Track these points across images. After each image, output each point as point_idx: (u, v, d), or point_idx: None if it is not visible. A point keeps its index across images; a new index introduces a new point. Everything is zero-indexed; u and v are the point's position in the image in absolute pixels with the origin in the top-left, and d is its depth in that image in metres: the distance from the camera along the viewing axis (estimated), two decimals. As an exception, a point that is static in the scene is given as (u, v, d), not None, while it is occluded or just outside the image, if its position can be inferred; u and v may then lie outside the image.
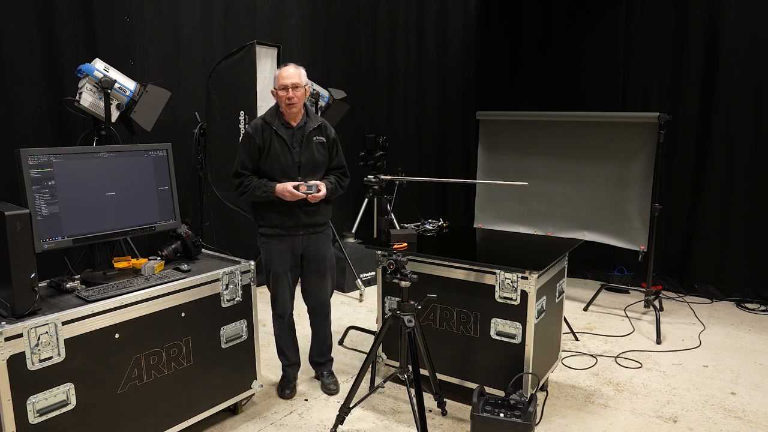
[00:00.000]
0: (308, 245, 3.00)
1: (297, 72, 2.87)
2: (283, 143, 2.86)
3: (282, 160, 2.86)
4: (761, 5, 4.30)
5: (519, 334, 2.76)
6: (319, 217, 3.00)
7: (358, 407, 3.00)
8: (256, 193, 2.84)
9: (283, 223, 2.91)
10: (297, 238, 2.95)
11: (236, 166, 2.89)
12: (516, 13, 5.42)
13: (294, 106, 2.85)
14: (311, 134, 2.93)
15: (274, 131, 2.86)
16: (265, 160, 2.85)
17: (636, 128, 4.32)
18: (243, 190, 2.87)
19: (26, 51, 3.41)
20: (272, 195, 2.82)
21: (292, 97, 2.82)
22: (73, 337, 2.14)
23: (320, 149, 2.96)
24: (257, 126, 2.89)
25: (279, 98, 2.86)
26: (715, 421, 2.88)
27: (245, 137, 2.89)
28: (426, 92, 5.93)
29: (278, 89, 2.85)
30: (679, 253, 4.84)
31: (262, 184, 2.84)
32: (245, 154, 2.88)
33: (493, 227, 4.97)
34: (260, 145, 2.85)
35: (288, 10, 5.17)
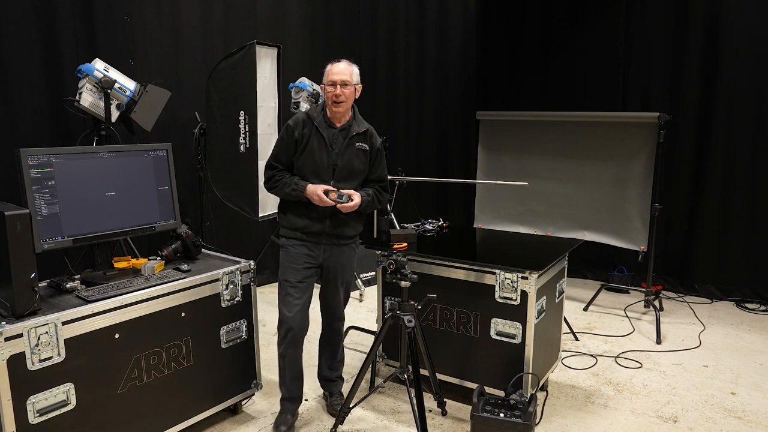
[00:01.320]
0: (330, 256, 2.76)
1: (349, 69, 2.69)
2: (321, 142, 2.66)
3: (317, 159, 2.66)
4: (761, 5, 4.30)
5: (519, 334, 2.76)
6: (347, 228, 2.76)
7: (358, 407, 3.00)
8: (285, 190, 2.67)
9: (307, 227, 2.70)
10: (319, 246, 2.73)
11: (270, 158, 2.74)
12: (516, 13, 5.42)
13: (341, 105, 2.65)
14: (354, 139, 2.72)
15: (315, 127, 2.67)
16: (299, 157, 2.68)
17: (636, 128, 4.32)
18: (273, 185, 2.71)
19: (26, 51, 3.41)
20: (302, 195, 2.63)
21: (339, 95, 2.63)
22: (73, 337, 2.14)
23: (360, 156, 2.74)
24: (299, 120, 2.71)
25: (326, 94, 2.67)
26: (715, 421, 2.88)
27: (284, 130, 2.73)
28: (426, 92, 5.93)
29: (326, 84, 2.67)
30: (679, 253, 4.84)
31: (293, 182, 2.65)
32: (281, 147, 2.71)
33: (493, 227, 4.97)
34: (298, 140, 2.67)
35: (288, 10, 5.17)
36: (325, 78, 2.69)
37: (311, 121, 2.69)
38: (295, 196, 2.65)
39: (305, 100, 4.47)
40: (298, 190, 2.64)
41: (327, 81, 2.67)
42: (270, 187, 2.73)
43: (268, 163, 2.74)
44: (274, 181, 2.71)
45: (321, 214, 2.69)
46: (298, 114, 2.74)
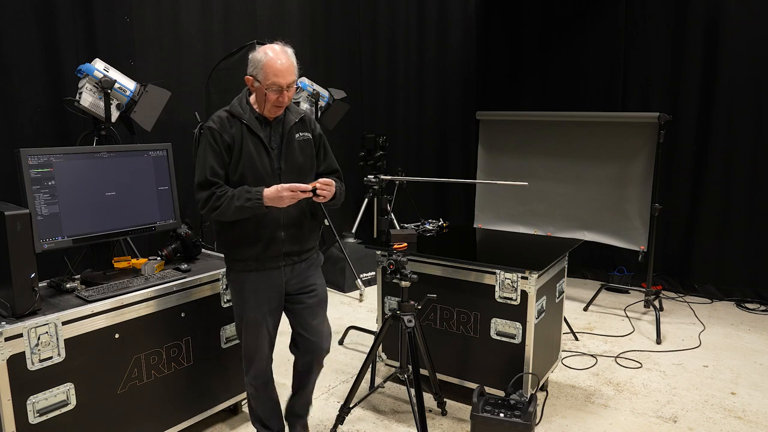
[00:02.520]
0: (292, 277, 2.35)
1: (292, 65, 2.20)
2: (258, 143, 2.22)
3: (258, 166, 2.20)
4: (761, 5, 4.30)
5: (519, 334, 2.76)
6: (306, 240, 2.37)
7: (358, 407, 3.00)
8: (234, 204, 2.13)
9: (260, 253, 2.26)
10: (277, 271, 2.30)
11: (201, 174, 2.17)
12: (516, 13, 5.42)
13: (282, 107, 2.26)
14: (293, 130, 2.31)
15: (245, 127, 2.21)
16: (235, 167, 2.19)
17: (636, 128, 4.32)
18: (215, 204, 2.14)
19: (26, 51, 3.41)
20: (261, 205, 2.13)
21: (284, 101, 2.21)
22: (73, 337, 2.14)
23: (305, 149, 2.34)
24: (222, 119, 2.21)
25: (267, 98, 2.18)
26: (715, 421, 2.88)
27: (209, 135, 2.19)
28: (426, 92, 5.93)
29: (266, 87, 2.16)
30: (679, 253, 4.84)
31: (244, 192, 2.14)
32: (213, 157, 2.17)
33: (493, 227, 4.97)
34: (230, 144, 2.19)
35: (288, 10, 5.17)
36: (261, 76, 2.16)
37: (238, 119, 2.22)
38: (251, 210, 2.14)
39: (305, 100, 4.47)
40: (255, 200, 2.12)
41: (268, 82, 2.15)
42: (211, 208, 2.16)
43: (201, 181, 2.18)
44: (216, 198, 2.15)
45: (272, 231, 2.25)
46: (217, 113, 2.25)
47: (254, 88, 2.21)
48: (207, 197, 2.16)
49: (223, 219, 2.19)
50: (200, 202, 2.18)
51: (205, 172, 2.17)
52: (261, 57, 2.16)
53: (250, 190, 2.15)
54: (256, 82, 2.19)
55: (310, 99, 4.48)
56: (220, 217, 2.19)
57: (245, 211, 2.14)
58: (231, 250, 2.31)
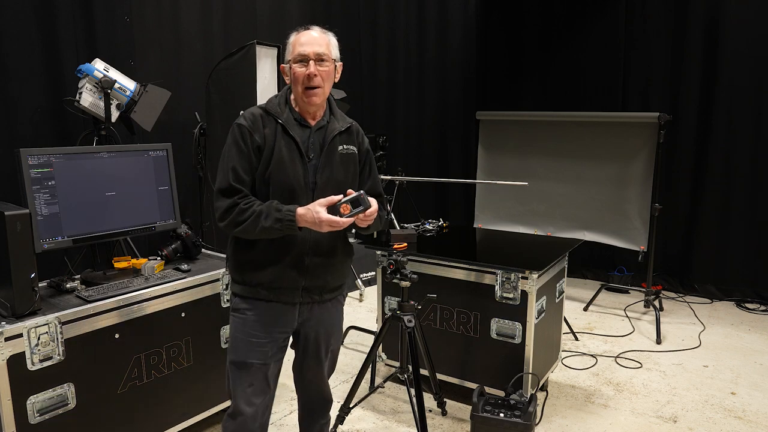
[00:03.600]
0: (309, 318, 1.98)
1: (325, 38, 1.85)
2: (293, 148, 1.84)
3: (289, 174, 1.83)
4: (761, 5, 4.30)
5: (519, 334, 2.76)
6: (332, 275, 1.98)
7: (358, 407, 3.00)
8: (262, 224, 1.77)
9: (275, 280, 1.88)
10: (293, 307, 1.93)
11: (223, 179, 1.83)
12: (516, 13, 5.42)
13: (317, 91, 1.83)
14: (336, 141, 1.92)
15: (280, 127, 1.85)
16: (262, 173, 1.83)
17: (636, 128, 4.32)
18: (238, 219, 1.78)
19: (26, 51, 3.41)
20: (294, 226, 1.76)
21: (314, 76, 1.80)
22: (73, 337, 2.14)
23: (347, 164, 1.95)
24: (255, 116, 1.86)
25: (294, 77, 1.83)
26: (715, 421, 2.88)
27: (238, 133, 1.85)
28: (426, 92, 5.93)
29: (293, 62, 1.82)
30: (679, 253, 4.84)
31: (274, 210, 1.77)
32: (239, 159, 1.82)
33: (493, 227, 4.97)
34: (261, 145, 1.83)
35: (288, 10, 5.17)
36: (288, 52, 1.85)
37: (273, 117, 1.87)
38: (280, 233, 1.78)
39: (305, 100, 4.47)
40: (288, 219, 1.76)
41: (293, 55, 1.82)
42: (233, 223, 1.80)
43: (223, 187, 1.82)
44: (239, 212, 1.79)
45: (295, 254, 1.87)
46: (250, 109, 1.91)
47: (287, 76, 1.88)
48: (228, 207, 1.79)
49: (245, 237, 1.83)
50: (219, 212, 1.80)
51: (228, 176, 1.80)
52: (291, 36, 1.87)
53: (281, 208, 1.76)
54: (287, 66, 1.86)
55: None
56: (241, 234, 1.81)
57: (273, 232, 1.77)
58: (240, 270, 1.92)
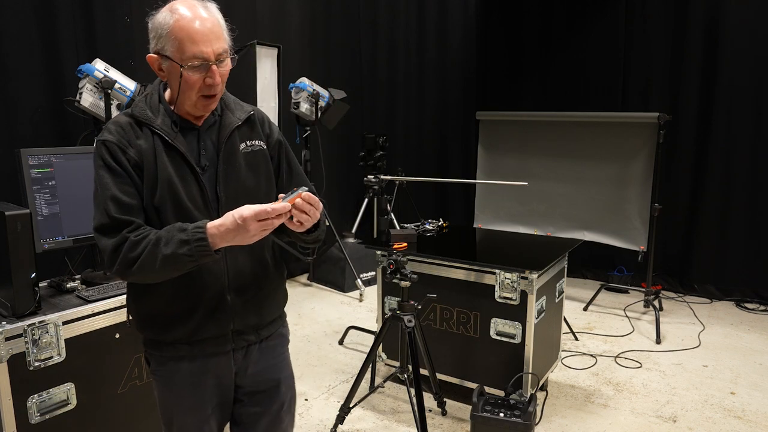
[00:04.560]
0: (246, 366, 1.57)
1: (218, 25, 1.44)
2: (179, 161, 1.44)
3: (182, 196, 1.42)
4: (761, 5, 4.30)
5: (519, 334, 2.76)
6: (269, 306, 1.59)
7: (358, 407, 3.00)
8: (163, 254, 1.33)
9: (194, 331, 1.47)
10: (224, 357, 1.53)
11: (100, 214, 1.41)
12: (516, 14, 5.42)
13: (216, 100, 1.47)
14: (235, 138, 1.52)
15: (158, 137, 1.43)
16: (149, 200, 1.42)
17: (636, 128, 4.33)
18: (130, 256, 1.35)
19: (26, 51, 3.41)
20: (207, 246, 1.33)
21: (216, 84, 1.42)
22: (73, 337, 2.14)
23: (256, 165, 1.54)
24: (123, 127, 1.44)
25: (186, 83, 1.40)
26: (715, 420, 2.88)
27: (104, 151, 1.42)
28: (426, 92, 5.94)
29: (185, 61, 1.38)
30: (679, 253, 4.84)
31: (176, 231, 1.35)
32: (116, 184, 1.40)
33: (493, 227, 4.97)
34: (137, 163, 1.41)
35: (288, 10, 5.17)
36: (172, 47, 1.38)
37: (147, 126, 1.44)
38: (191, 259, 1.33)
39: (305, 100, 4.47)
40: (194, 240, 1.32)
41: (184, 56, 1.37)
42: (126, 263, 1.36)
43: (102, 224, 1.40)
44: (130, 246, 1.35)
45: (213, 293, 1.47)
46: (116, 118, 1.48)
47: (164, 71, 1.43)
48: (115, 247, 1.36)
49: (147, 278, 1.39)
50: (106, 255, 1.38)
51: (107, 208, 1.38)
52: (166, 19, 1.38)
53: (185, 227, 1.35)
54: (165, 61, 1.40)
55: (310, 99, 4.49)
56: (140, 277, 1.37)
57: (181, 261, 1.32)
58: (146, 327, 1.52)
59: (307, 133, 4.71)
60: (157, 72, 1.46)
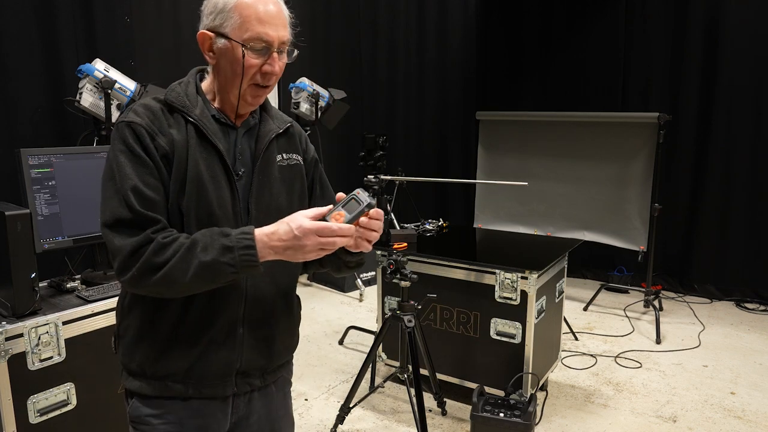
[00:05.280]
0: (248, 416, 1.35)
1: (285, 15, 1.29)
2: (214, 160, 1.24)
3: (211, 200, 1.22)
4: (761, 5, 4.30)
5: (519, 334, 2.76)
6: (282, 347, 1.38)
7: (358, 407, 3.00)
8: (199, 260, 1.12)
9: (193, 368, 1.24)
10: (222, 403, 1.30)
11: (119, 205, 1.16)
12: (516, 14, 5.42)
13: (267, 93, 1.30)
14: (273, 147, 1.34)
15: (193, 128, 1.24)
16: (174, 198, 1.21)
17: (636, 128, 4.33)
18: (156, 260, 1.12)
19: (26, 51, 3.41)
20: (255, 259, 1.13)
21: (275, 73, 1.25)
22: (73, 337, 2.14)
23: (291, 181, 1.36)
24: (154, 111, 1.25)
25: (245, 67, 1.22)
26: (715, 420, 2.88)
27: (130, 135, 1.20)
28: (426, 92, 5.94)
29: (246, 42, 1.21)
30: (679, 253, 4.84)
31: (219, 235, 1.15)
32: (140, 173, 1.18)
33: (493, 227, 4.97)
34: (167, 154, 1.21)
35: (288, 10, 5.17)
36: (233, 24, 1.22)
37: (181, 113, 1.25)
38: (233, 270, 1.13)
39: (305, 100, 4.47)
40: (240, 247, 1.13)
41: (248, 35, 1.21)
42: (148, 268, 1.12)
43: (120, 217, 1.15)
44: (158, 248, 1.13)
45: (226, 326, 1.25)
46: (143, 100, 1.29)
47: (215, 53, 1.26)
48: (136, 248, 1.12)
49: (168, 291, 1.15)
50: (121, 257, 1.12)
51: (129, 199, 1.14)
52: (227, 4, 1.22)
53: (228, 231, 1.15)
54: (219, 40, 1.23)
55: (310, 99, 4.49)
56: (162, 287, 1.14)
57: (221, 271, 1.12)
58: (136, 355, 1.25)
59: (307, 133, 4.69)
60: (205, 53, 1.29)
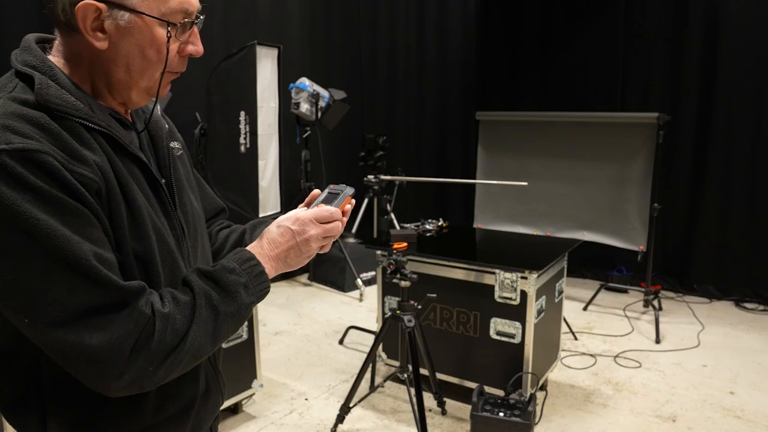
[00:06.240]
0: None
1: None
2: (140, 178, 0.94)
3: (165, 233, 0.95)
4: (761, 5, 4.31)
5: (518, 334, 2.77)
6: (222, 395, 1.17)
7: (358, 407, 3.01)
8: (228, 312, 0.91)
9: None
10: None
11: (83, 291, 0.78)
12: (516, 14, 5.42)
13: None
14: (168, 139, 1.09)
15: (105, 140, 0.89)
16: (128, 247, 0.87)
17: (635, 128, 4.33)
18: (171, 342, 0.85)
19: (27, 51, 3.42)
20: (268, 284, 0.97)
21: (198, 54, 0.98)
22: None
23: (188, 176, 1.13)
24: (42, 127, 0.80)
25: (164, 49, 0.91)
26: (714, 420, 2.89)
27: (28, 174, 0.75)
28: (426, 92, 5.94)
29: (167, 16, 0.90)
30: (679, 253, 4.85)
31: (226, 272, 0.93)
32: (82, 236, 0.79)
33: (492, 227, 4.98)
34: (99, 189, 0.84)
35: (288, 10, 5.18)
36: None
37: (79, 120, 0.85)
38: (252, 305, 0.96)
39: (305, 101, 4.48)
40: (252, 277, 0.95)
41: (173, 5, 0.90)
42: (161, 354, 0.84)
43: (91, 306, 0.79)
44: (166, 322, 0.85)
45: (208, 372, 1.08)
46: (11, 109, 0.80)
47: (112, 32, 0.89)
48: (134, 335, 0.82)
49: (184, 369, 0.90)
50: (116, 357, 0.81)
51: (96, 272, 0.80)
52: None
53: (230, 265, 0.94)
54: (121, 14, 0.88)
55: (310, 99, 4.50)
56: (188, 365, 0.90)
57: (245, 316, 0.96)
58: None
59: (307, 133, 4.72)
60: (86, 33, 0.87)
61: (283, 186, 4.45)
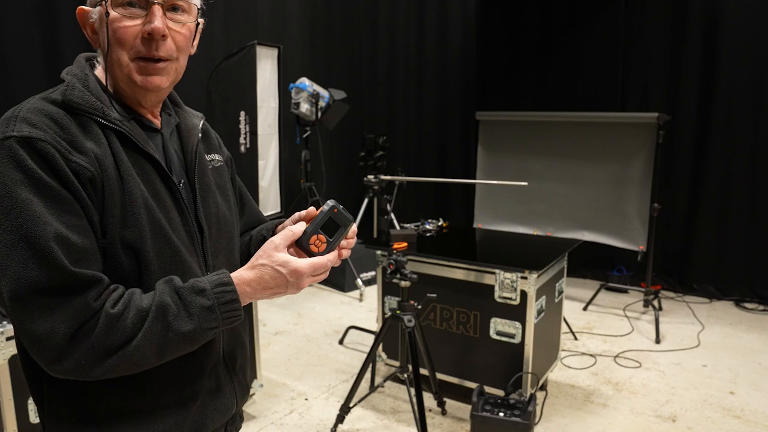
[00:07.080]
0: None
1: None
2: (150, 173, 0.98)
3: (165, 227, 0.97)
4: (761, 5, 4.31)
5: (518, 334, 2.77)
6: (247, 376, 1.24)
7: (358, 407, 3.01)
8: (177, 330, 0.89)
9: None
10: None
11: (35, 270, 0.82)
12: (516, 14, 5.42)
13: (163, 71, 0.98)
14: (200, 146, 1.12)
15: (114, 134, 0.96)
16: (118, 235, 0.91)
17: (635, 128, 4.34)
18: (112, 342, 0.86)
19: (27, 51, 3.42)
20: (238, 313, 0.95)
21: (159, 30, 0.94)
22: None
23: (224, 187, 1.16)
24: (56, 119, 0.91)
25: (116, 36, 0.95)
26: (714, 420, 2.89)
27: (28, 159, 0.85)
28: (426, 92, 5.94)
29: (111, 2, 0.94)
30: (678, 253, 4.85)
31: (190, 292, 0.92)
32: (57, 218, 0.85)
33: (492, 227, 4.98)
34: (93, 178, 0.90)
35: (288, 10, 5.18)
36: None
37: (94, 117, 0.95)
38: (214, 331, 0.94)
39: (305, 101, 4.48)
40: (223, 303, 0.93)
41: None
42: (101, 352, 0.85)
43: (39, 286, 0.83)
44: (112, 321, 0.86)
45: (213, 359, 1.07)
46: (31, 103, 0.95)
47: (96, 29, 0.99)
48: (74, 329, 0.84)
49: (130, 371, 0.90)
50: (54, 344, 0.83)
51: (52, 254, 0.83)
52: None
53: (201, 285, 0.93)
54: (93, 10, 0.98)
55: (310, 99, 4.50)
56: (121, 370, 0.89)
57: (202, 338, 0.94)
58: None
59: (307, 133, 4.72)
60: (89, 36, 1.00)
61: (283, 186, 4.45)
